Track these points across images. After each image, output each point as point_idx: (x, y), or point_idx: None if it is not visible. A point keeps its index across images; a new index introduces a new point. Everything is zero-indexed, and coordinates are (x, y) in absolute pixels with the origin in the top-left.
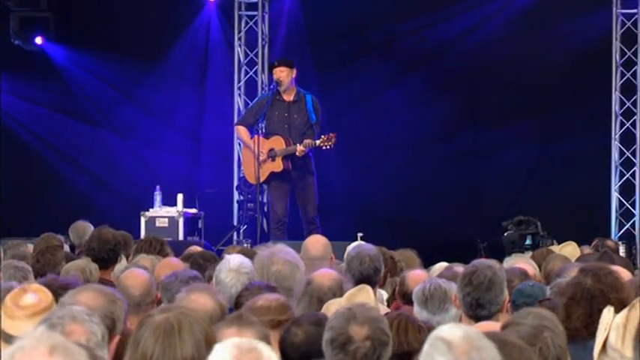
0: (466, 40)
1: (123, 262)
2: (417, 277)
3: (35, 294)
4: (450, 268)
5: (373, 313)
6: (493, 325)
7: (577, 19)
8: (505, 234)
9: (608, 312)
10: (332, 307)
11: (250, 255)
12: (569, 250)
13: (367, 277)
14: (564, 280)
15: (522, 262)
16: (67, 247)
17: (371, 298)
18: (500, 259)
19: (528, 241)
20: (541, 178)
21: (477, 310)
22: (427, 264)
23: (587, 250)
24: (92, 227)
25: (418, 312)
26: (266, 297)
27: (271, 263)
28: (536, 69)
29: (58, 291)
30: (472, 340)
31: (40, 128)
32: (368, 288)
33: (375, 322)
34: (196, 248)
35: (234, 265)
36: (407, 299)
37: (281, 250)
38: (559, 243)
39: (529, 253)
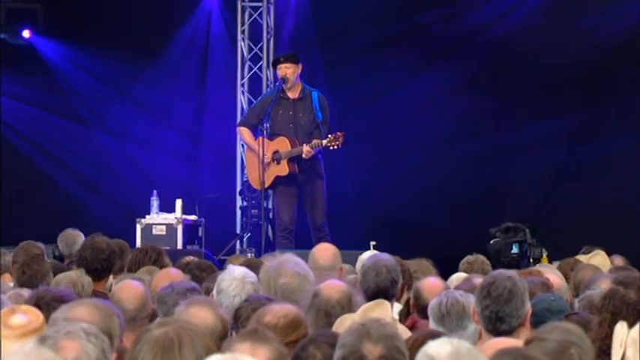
0: (488, 32)
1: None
2: (433, 287)
3: (25, 314)
4: (468, 280)
5: (388, 330)
6: (512, 342)
7: (609, 9)
8: (491, 242)
9: (621, 327)
10: (346, 322)
11: (256, 266)
12: (599, 259)
13: (384, 290)
14: (595, 293)
15: (548, 272)
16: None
17: (388, 314)
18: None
19: (515, 250)
20: (569, 181)
21: (496, 324)
22: (444, 275)
23: (617, 260)
24: (83, 236)
25: (434, 329)
26: (275, 311)
27: (279, 275)
28: (564, 63)
29: (51, 303)
30: (459, 357)
31: (26, 128)
32: (386, 303)
33: (391, 339)
34: (188, 258)
35: (238, 274)
36: (425, 313)
37: (289, 260)
38: (586, 253)
39: (556, 263)
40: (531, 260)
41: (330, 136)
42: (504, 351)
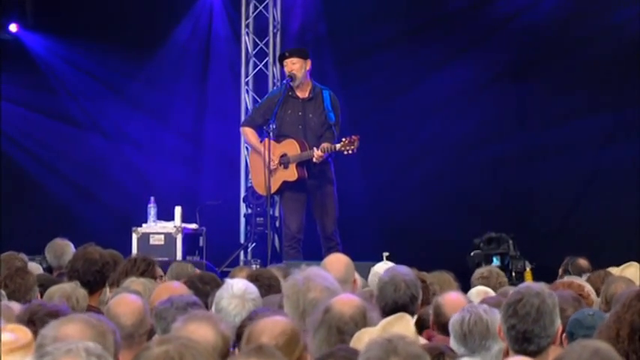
0: (513, 24)
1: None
2: (455, 303)
3: (12, 333)
4: (495, 295)
5: (416, 350)
6: None
7: None
8: (472, 253)
9: None
10: (364, 338)
11: (266, 277)
12: (632, 271)
13: (403, 306)
14: None
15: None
16: (33, 267)
17: (410, 329)
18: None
19: (496, 262)
20: (600, 187)
21: (524, 344)
22: (465, 288)
23: None
24: (72, 246)
25: (455, 348)
26: (270, 330)
27: (308, 290)
28: (596, 58)
29: (45, 319)
30: None
31: (13, 130)
32: (407, 317)
33: (418, 359)
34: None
35: (238, 290)
36: (446, 330)
37: (317, 274)
38: (613, 265)
39: (586, 276)
40: (513, 274)
41: (344, 139)
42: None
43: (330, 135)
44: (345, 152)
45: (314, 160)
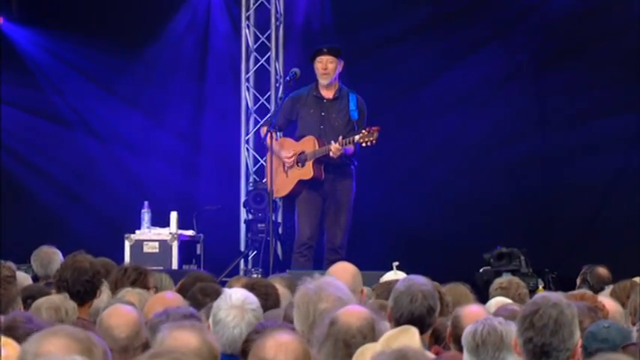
0: (533, 18)
1: (102, 297)
2: (475, 315)
3: (3, 347)
4: (511, 305)
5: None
6: None
7: None
8: (481, 270)
9: None
10: (367, 353)
11: (264, 286)
12: None
13: (419, 319)
14: None
15: (601, 297)
16: (21, 277)
17: (416, 343)
18: None
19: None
20: (626, 191)
21: (542, 358)
22: (482, 300)
23: None
24: (60, 254)
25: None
26: (277, 346)
27: (319, 299)
28: (621, 54)
29: (30, 333)
30: None
31: None
32: (413, 330)
33: None
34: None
35: (236, 300)
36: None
37: (330, 283)
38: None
39: (609, 287)
40: None
41: (363, 131)
42: None
43: (354, 135)
44: (364, 144)
45: (331, 154)
